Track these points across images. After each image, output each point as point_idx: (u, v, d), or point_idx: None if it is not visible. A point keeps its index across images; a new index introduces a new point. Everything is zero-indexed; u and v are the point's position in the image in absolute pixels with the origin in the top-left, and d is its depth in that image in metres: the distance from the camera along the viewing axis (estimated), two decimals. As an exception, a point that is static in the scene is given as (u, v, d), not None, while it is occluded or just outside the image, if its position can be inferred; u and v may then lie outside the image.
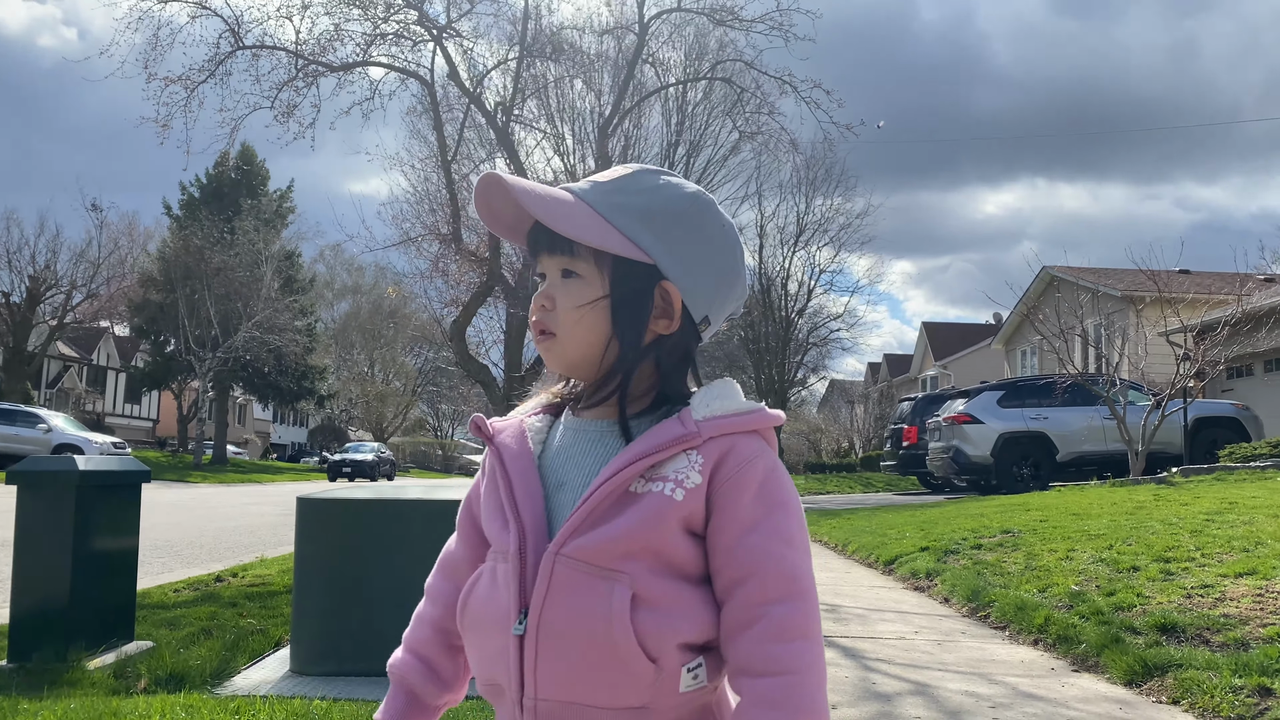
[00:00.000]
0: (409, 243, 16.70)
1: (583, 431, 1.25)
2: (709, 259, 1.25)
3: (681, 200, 1.24)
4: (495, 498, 1.24)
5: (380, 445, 50.24)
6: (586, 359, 1.23)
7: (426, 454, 79.78)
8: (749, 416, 1.20)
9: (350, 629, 4.53)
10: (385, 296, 57.94)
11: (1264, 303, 16.02)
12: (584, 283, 1.21)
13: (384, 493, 4.84)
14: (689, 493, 1.13)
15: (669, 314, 1.22)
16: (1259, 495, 9.46)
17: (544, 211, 1.18)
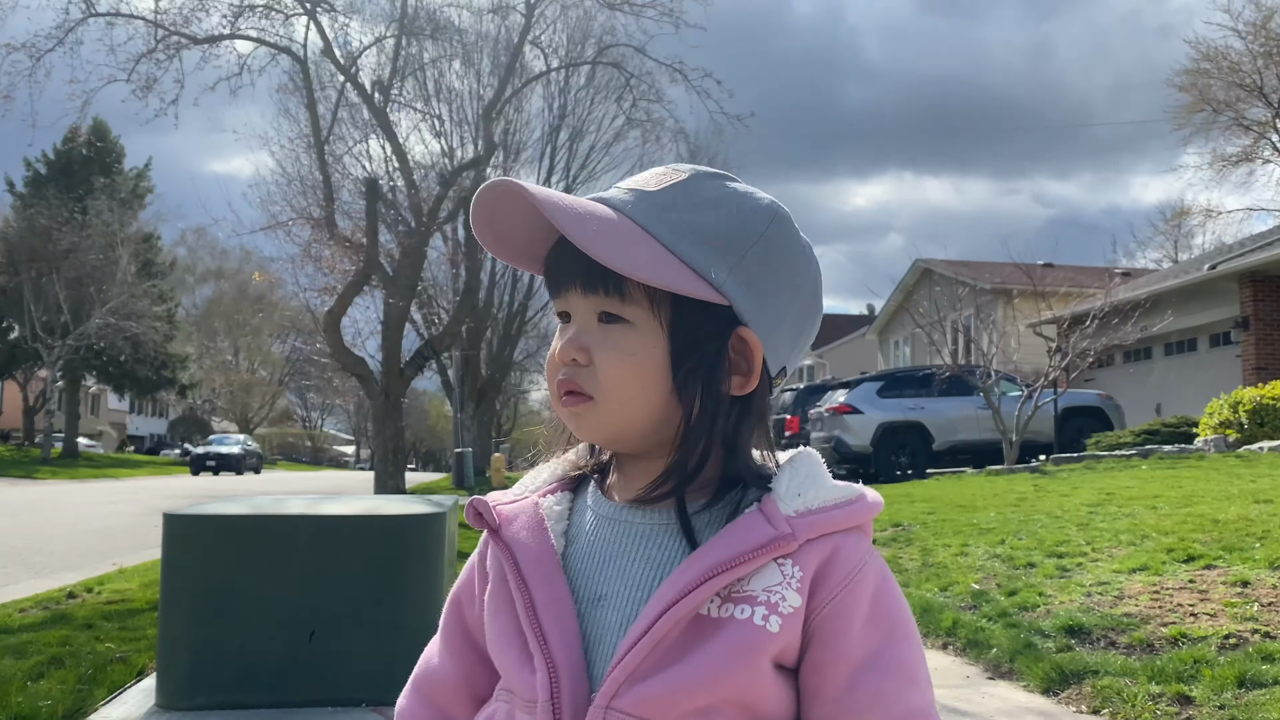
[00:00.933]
0: (278, 227, 15.88)
1: (625, 524, 0.95)
2: (793, 295, 0.96)
3: (759, 217, 0.94)
4: (507, 615, 0.94)
5: (246, 437, 48.28)
6: (636, 431, 0.93)
7: (295, 445, 77.38)
8: (853, 508, 0.92)
9: (225, 657, 4.11)
10: (251, 282, 55.64)
11: (1128, 296, 16.73)
12: (634, 331, 0.91)
13: (263, 508, 4.42)
14: (786, 620, 0.86)
15: (746, 369, 0.94)
16: (1132, 485, 9.79)
17: (586, 236, 0.87)
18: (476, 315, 22.44)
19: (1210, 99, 35.47)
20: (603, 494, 1.00)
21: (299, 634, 4.12)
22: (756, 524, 0.88)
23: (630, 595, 0.90)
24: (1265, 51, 34.16)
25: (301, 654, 4.12)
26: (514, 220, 0.95)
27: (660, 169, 0.97)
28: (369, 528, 4.29)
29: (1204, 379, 18.56)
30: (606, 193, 0.96)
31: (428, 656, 1.10)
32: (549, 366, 0.97)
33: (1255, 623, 4.38)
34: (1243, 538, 5.96)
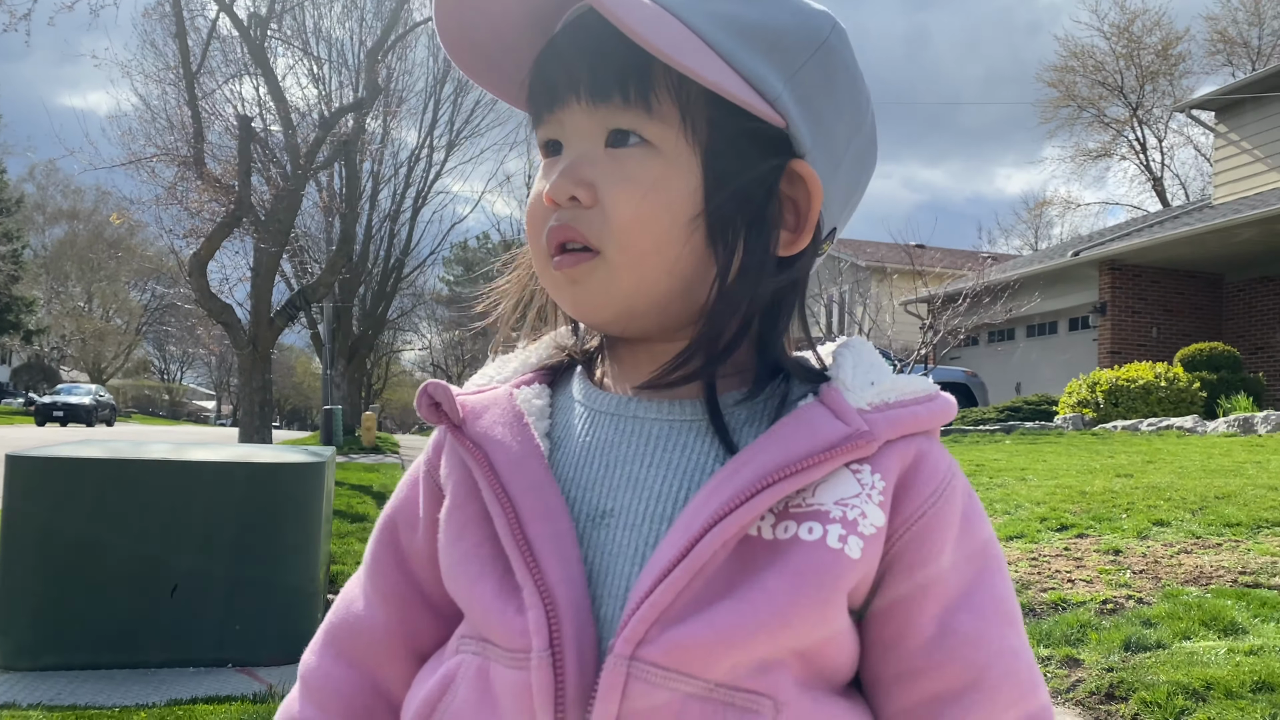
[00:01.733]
0: (139, 164, 14.90)
1: (633, 420, 0.72)
2: (854, 128, 0.73)
3: (820, 21, 0.71)
4: (477, 535, 0.70)
5: (98, 388, 45.71)
6: (656, 299, 0.70)
7: (151, 399, 73.85)
8: (936, 405, 0.72)
9: (76, 614, 3.77)
10: (108, 224, 52.55)
11: (999, 278, 17.32)
12: (657, 157, 0.68)
13: (120, 451, 4.06)
14: (868, 542, 0.65)
15: (794, 222, 0.71)
16: (999, 458, 10.12)
17: (625, 11, 0.62)
18: (352, 268, 21.68)
19: (1075, 96, 37.10)
20: (594, 384, 0.77)
21: (160, 589, 3.81)
22: (821, 418, 0.67)
23: (647, 510, 0.68)
24: (1127, 53, 35.87)
25: (163, 611, 3.81)
26: (490, 11, 0.71)
27: None
28: (240, 476, 3.99)
29: (1062, 360, 19.43)
30: None
31: (347, 600, 0.83)
32: (530, 216, 0.72)
33: (1129, 589, 4.51)
34: (1110, 509, 6.19)
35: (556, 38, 0.71)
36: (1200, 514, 5.82)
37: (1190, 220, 17.35)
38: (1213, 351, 14.21)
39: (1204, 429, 11.58)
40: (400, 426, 72.22)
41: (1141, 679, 3.28)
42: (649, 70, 0.66)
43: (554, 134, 0.72)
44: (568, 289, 0.71)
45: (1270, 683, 3.09)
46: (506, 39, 0.73)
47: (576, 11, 0.70)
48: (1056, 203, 44.29)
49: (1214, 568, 4.71)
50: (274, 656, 3.83)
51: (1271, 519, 5.54)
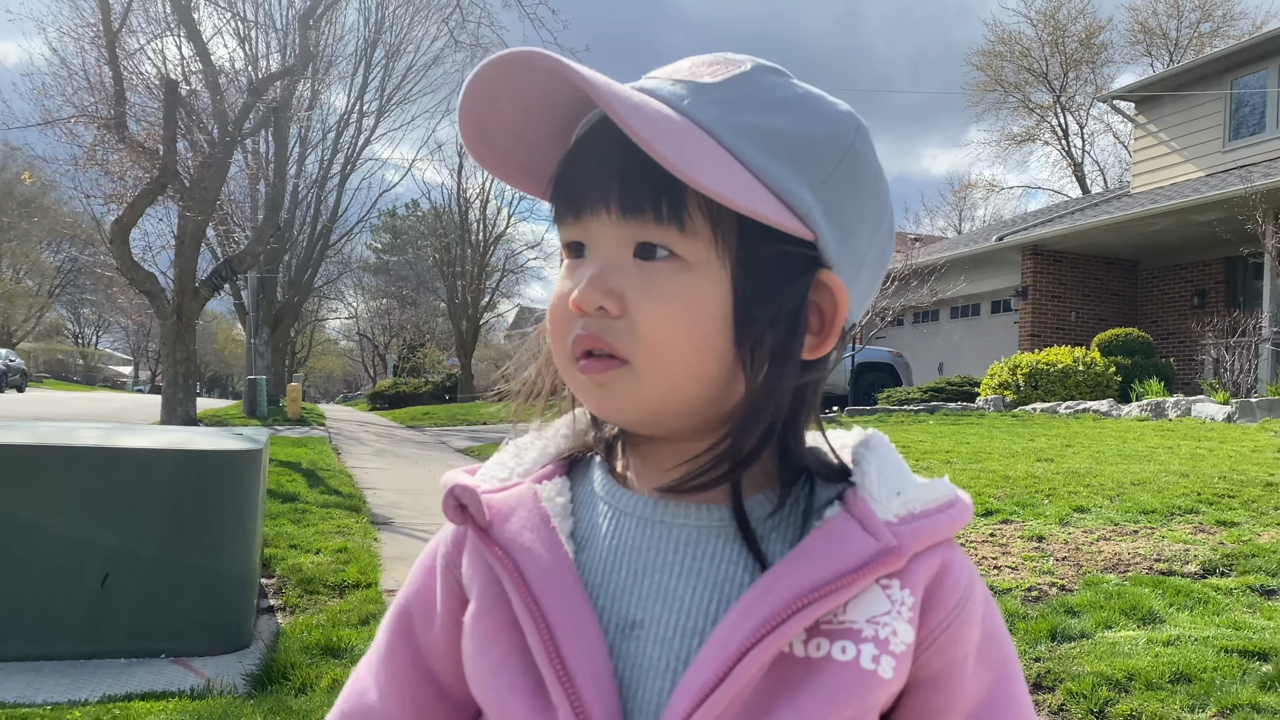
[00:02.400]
0: (56, 124, 14.35)
1: (658, 524, 0.72)
2: (874, 229, 0.74)
3: (845, 126, 0.71)
4: (506, 645, 0.69)
5: (8, 352, 44.03)
6: (684, 407, 0.70)
7: (65, 364, 71.49)
8: (956, 511, 0.72)
9: (1, 604, 3.66)
10: (18, 182, 50.44)
11: (926, 260, 17.66)
12: (688, 272, 0.67)
13: (48, 437, 3.94)
14: (900, 660, 0.66)
15: (819, 326, 0.71)
16: (924, 440, 10.36)
17: (658, 138, 0.62)
18: (279, 235, 21.19)
19: (1002, 80, 37.81)
20: (614, 480, 0.76)
21: (89, 579, 3.72)
22: (851, 533, 0.67)
23: (678, 624, 0.68)
24: (1053, 40, 36.63)
25: (91, 601, 3.72)
26: (510, 113, 0.70)
27: (707, 57, 0.72)
28: (173, 464, 3.90)
29: (985, 342, 19.93)
30: (641, 83, 0.71)
31: (359, 690, 0.81)
32: (553, 319, 0.72)
33: (1052, 576, 4.68)
34: (1032, 494, 6.40)
35: (587, 141, 0.71)
36: (1118, 500, 6.05)
37: (1110, 208, 17.88)
38: (1128, 337, 14.70)
39: (1118, 413, 12.00)
40: (324, 395, 71.02)
41: (1067, 669, 3.42)
42: (681, 189, 0.65)
43: (579, 236, 0.71)
44: (594, 392, 0.71)
45: (1188, 673, 3.25)
46: (524, 137, 0.72)
47: (601, 114, 0.69)
48: (981, 185, 45.27)
49: (1131, 555, 4.91)
50: (210, 646, 3.78)
51: (1184, 506, 5.79)
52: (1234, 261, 16.62)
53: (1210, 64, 16.88)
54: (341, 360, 75.80)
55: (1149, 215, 15.57)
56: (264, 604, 4.53)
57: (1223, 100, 16.65)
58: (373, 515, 7.32)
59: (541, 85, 0.67)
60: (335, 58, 26.48)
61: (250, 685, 3.33)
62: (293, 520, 6.47)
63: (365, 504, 7.92)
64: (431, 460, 12.80)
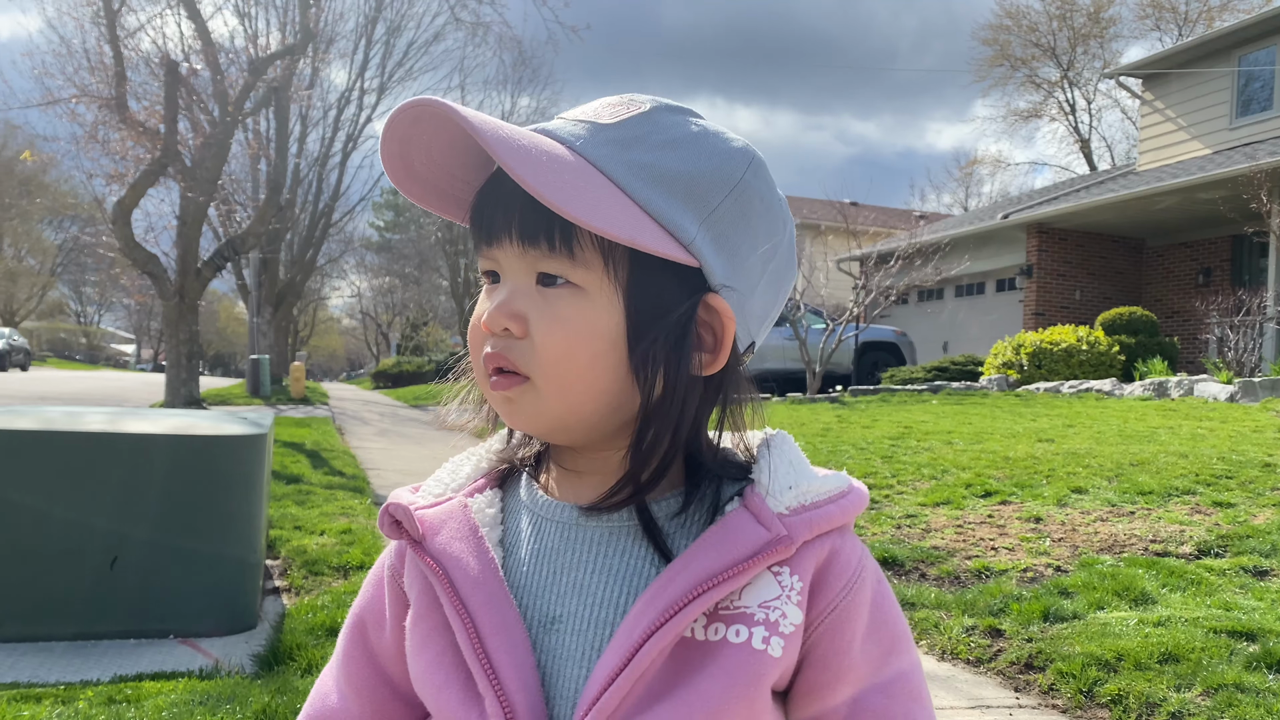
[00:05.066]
0: (57, 104, 14.34)
1: (574, 528, 0.80)
2: (768, 257, 0.80)
3: (735, 162, 0.78)
4: (439, 645, 0.78)
5: (12, 331, 44.18)
6: (583, 419, 0.77)
7: (67, 342, 71.65)
8: (848, 501, 0.79)
9: (11, 586, 3.72)
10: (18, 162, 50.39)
11: (931, 238, 17.63)
12: (582, 297, 0.75)
13: (55, 423, 3.99)
14: (789, 640, 0.73)
15: (713, 344, 0.78)
16: (926, 420, 10.41)
17: (534, 174, 0.69)
18: (280, 215, 21.20)
19: (1009, 55, 37.56)
20: (540, 489, 0.84)
21: (98, 562, 3.78)
22: (745, 525, 0.74)
23: (592, 616, 0.76)
24: (1060, 14, 36.36)
25: (101, 582, 3.78)
26: (433, 151, 0.78)
27: (612, 99, 0.80)
28: (180, 448, 3.95)
29: (989, 321, 19.92)
30: (549, 124, 0.78)
31: (322, 694, 0.90)
32: (471, 336, 0.80)
33: (1048, 557, 4.73)
34: (1032, 475, 6.44)
35: (495, 179, 0.78)
36: (1116, 481, 6.09)
37: (1115, 186, 17.81)
38: (1132, 316, 14.69)
39: (1121, 392, 12.02)
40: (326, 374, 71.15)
41: (1059, 650, 3.47)
42: (571, 223, 0.72)
43: (492, 266, 0.79)
44: (503, 405, 0.79)
45: (1176, 654, 3.30)
46: (452, 170, 0.80)
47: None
48: (987, 161, 45.03)
49: (1127, 536, 4.95)
50: (217, 627, 3.84)
51: (1181, 487, 5.82)
52: (1239, 240, 16.58)
53: (1218, 40, 16.77)
54: (344, 339, 75.91)
55: (1155, 193, 15.53)
56: (269, 585, 4.60)
57: (1230, 77, 16.57)
58: (376, 496, 7.38)
59: (453, 127, 0.74)
60: (336, 35, 26.37)
61: (257, 666, 3.39)
62: (297, 502, 6.53)
63: (369, 485, 7.98)
64: (435, 440, 12.86)
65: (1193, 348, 16.70)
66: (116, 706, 2.82)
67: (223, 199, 16.77)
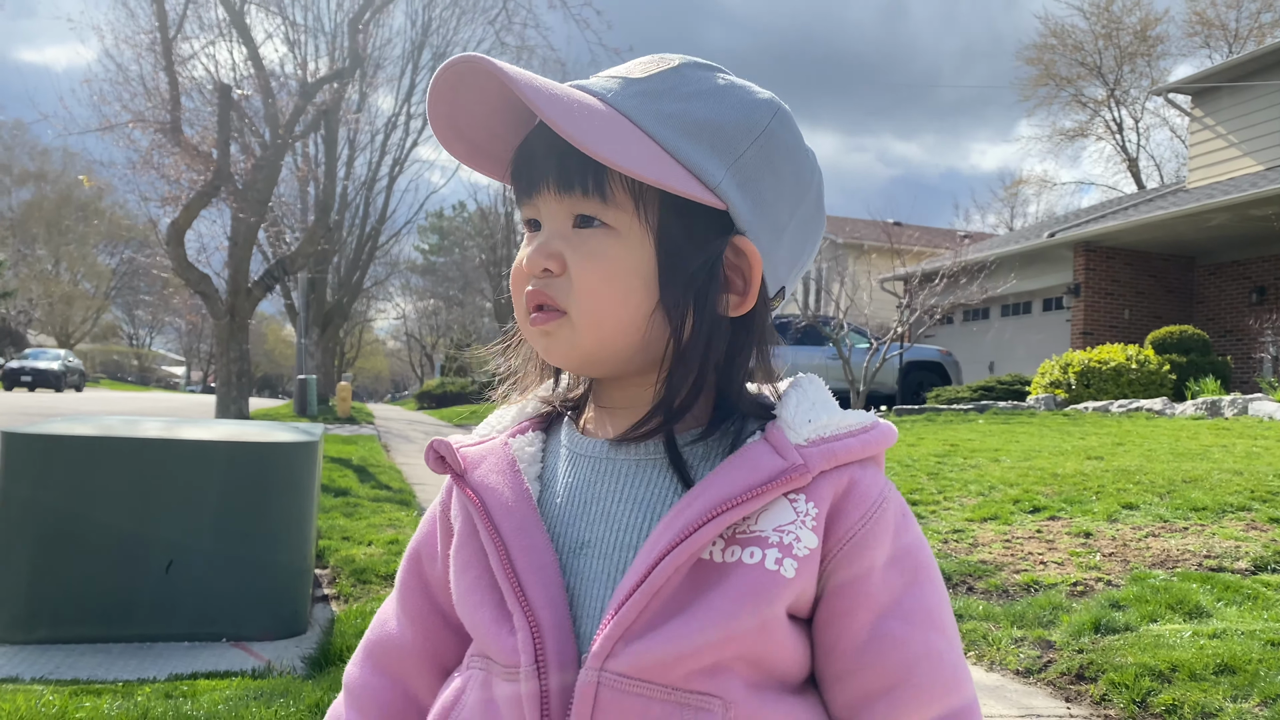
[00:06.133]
0: (114, 129, 14.72)
1: (605, 461, 0.85)
2: (795, 203, 0.85)
3: (761, 111, 0.83)
4: (477, 570, 0.83)
5: (67, 352, 45.21)
6: (616, 352, 0.82)
7: (120, 364, 73.15)
8: (870, 436, 0.83)
9: (71, 588, 3.82)
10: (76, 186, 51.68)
11: (975, 257, 17.49)
12: (615, 237, 0.80)
13: (114, 430, 4.09)
14: (801, 563, 0.76)
15: (741, 286, 0.82)
16: (972, 438, 10.30)
17: (567, 120, 0.75)
18: (329, 236, 21.55)
19: (1054, 74, 37.25)
20: (579, 431, 0.89)
21: (154, 565, 3.86)
22: (763, 454, 0.78)
23: (617, 541, 0.80)
24: (1106, 33, 36.03)
25: (156, 586, 3.86)
26: (476, 110, 0.83)
27: (646, 57, 0.85)
28: (234, 455, 4.04)
29: (1036, 340, 19.68)
30: (585, 80, 0.84)
31: (382, 620, 0.97)
32: (514, 280, 0.86)
33: (1098, 571, 4.66)
34: (1081, 491, 6.35)
35: (531, 135, 0.84)
36: (1168, 498, 5.98)
37: (1164, 204, 17.56)
38: (1183, 334, 14.45)
39: (1172, 411, 11.81)
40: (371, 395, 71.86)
41: (1110, 660, 3.42)
42: (604, 167, 0.78)
43: (533, 214, 0.85)
44: (541, 340, 0.84)
45: (1232, 665, 3.23)
46: (494, 129, 0.86)
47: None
48: (1032, 181, 44.60)
49: (1180, 551, 4.86)
50: (267, 632, 3.90)
51: (1236, 503, 5.71)
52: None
53: (1270, 55, 16.50)
54: (389, 360, 76.66)
55: (1205, 210, 15.29)
56: (318, 593, 4.66)
57: (1281, 92, 16.30)
58: (421, 509, 7.45)
59: (495, 86, 0.79)
60: (383, 60, 26.82)
61: (309, 667, 3.45)
62: (345, 514, 6.62)
63: (415, 498, 8.06)
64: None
65: (1246, 367, 16.36)
66: (174, 701, 2.88)
67: (272, 221, 17.08)
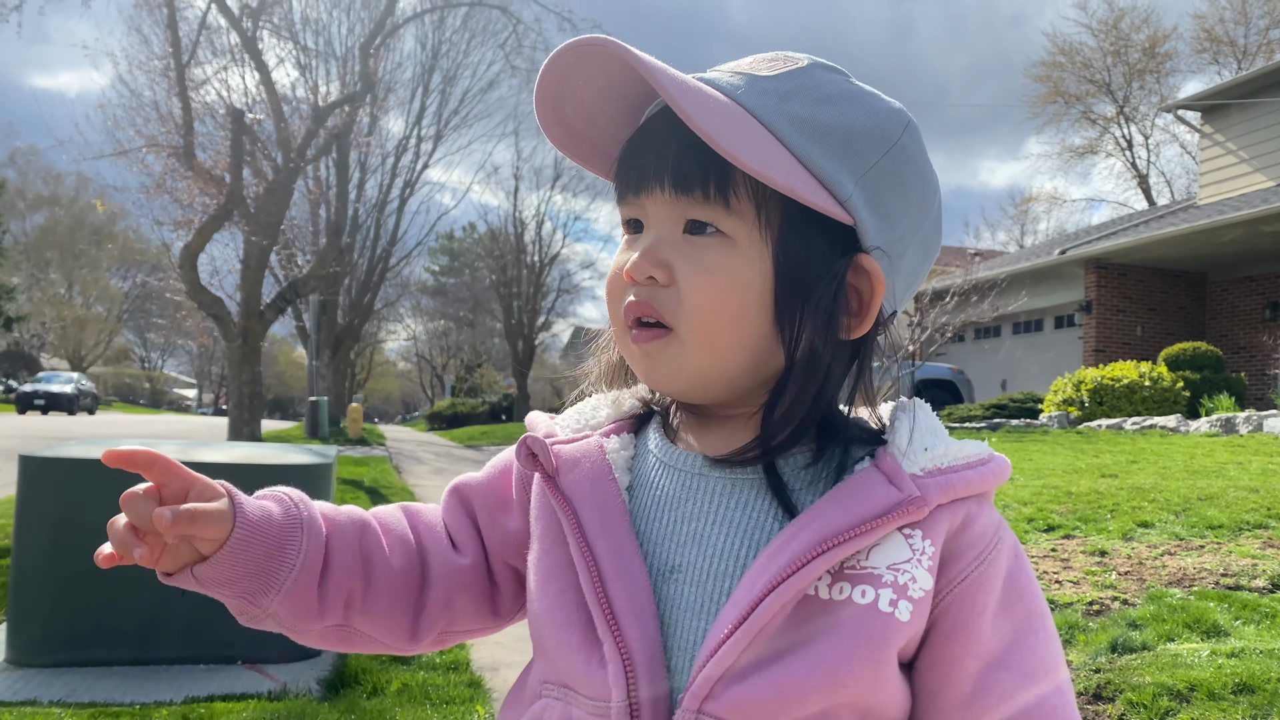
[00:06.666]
0: (129, 154, 14.86)
1: (698, 478, 0.78)
2: (919, 220, 0.79)
3: (893, 121, 0.76)
4: (561, 584, 0.77)
5: (80, 376, 45.42)
6: (724, 376, 0.76)
7: (132, 387, 73.46)
8: (988, 469, 0.76)
9: (87, 611, 3.83)
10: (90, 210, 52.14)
11: (986, 275, 17.46)
12: (731, 247, 0.73)
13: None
14: (917, 605, 0.70)
15: (858, 307, 0.76)
16: (985, 456, 10.25)
17: (706, 118, 0.68)
18: (340, 258, 21.67)
19: (1063, 91, 37.29)
20: (667, 438, 0.82)
21: (170, 588, 3.85)
22: (875, 484, 0.71)
23: (712, 568, 0.73)
24: (1115, 50, 36.08)
25: (172, 609, 3.87)
26: (586, 95, 0.77)
27: (767, 54, 0.78)
28: (250, 478, 4.04)
29: (1048, 358, 19.62)
30: (704, 74, 0.77)
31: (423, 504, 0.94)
32: (610, 288, 0.78)
33: (1114, 590, 4.63)
34: (1095, 509, 6.32)
35: (647, 126, 0.78)
36: (1183, 515, 5.95)
37: (1175, 220, 17.53)
38: (1196, 351, 14.38)
39: (1187, 428, 11.75)
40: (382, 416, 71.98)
41: (1128, 680, 3.40)
42: (729, 169, 0.72)
43: (636, 214, 0.78)
44: (642, 361, 0.77)
45: (1251, 684, 3.21)
46: (598, 120, 0.80)
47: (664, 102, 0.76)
48: (1042, 198, 44.62)
49: (1197, 569, 4.83)
50: (282, 654, 3.90)
51: (1252, 521, 5.68)
52: (1305, 273, 16.20)
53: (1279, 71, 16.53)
54: (400, 381, 76.77)
55: (1217, 226, 15.25)
56: (332, 614, 4.66)
57: (1291, 108, 16.29)
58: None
59: (612, 71, 0.74)
60: (394, 84, 27.03)
61: (324, 689, 3.45)
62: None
63: (427, 520, 8.06)
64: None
65: (1261, 383, 16.27)
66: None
67: (284, 244, 17.20)
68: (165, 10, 13.69)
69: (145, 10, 15.82)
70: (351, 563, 0.83)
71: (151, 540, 0.75)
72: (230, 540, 0.76)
